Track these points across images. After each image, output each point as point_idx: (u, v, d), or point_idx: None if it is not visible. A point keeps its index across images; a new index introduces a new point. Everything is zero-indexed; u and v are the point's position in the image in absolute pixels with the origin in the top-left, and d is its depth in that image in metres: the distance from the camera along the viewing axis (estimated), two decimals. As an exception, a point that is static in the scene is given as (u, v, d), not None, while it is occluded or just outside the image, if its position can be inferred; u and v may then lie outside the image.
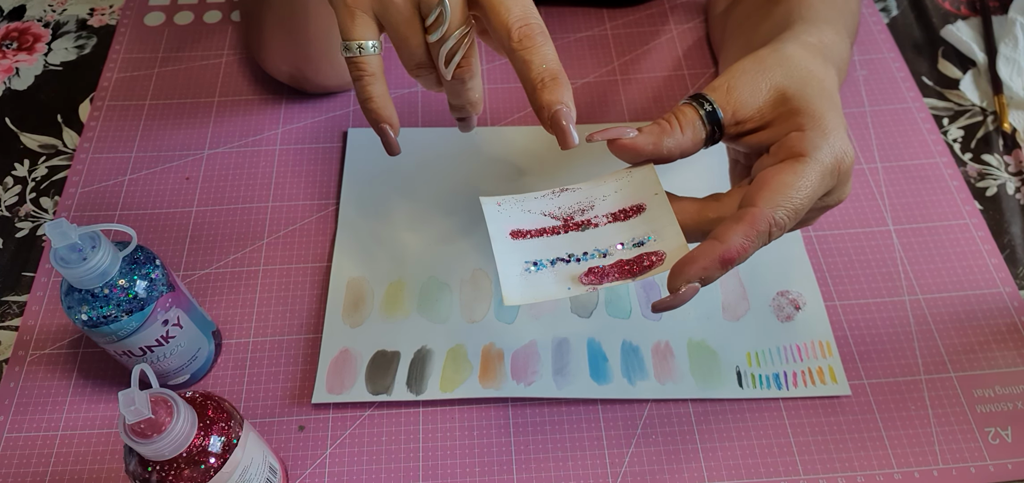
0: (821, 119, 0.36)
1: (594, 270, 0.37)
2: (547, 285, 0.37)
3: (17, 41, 0.67)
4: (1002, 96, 0.62)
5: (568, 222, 0.39)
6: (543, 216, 0.39)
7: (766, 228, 0.34)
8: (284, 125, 0.61)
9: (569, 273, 0.37)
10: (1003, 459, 0.45)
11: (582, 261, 0.37)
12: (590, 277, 0.37)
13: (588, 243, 0.38)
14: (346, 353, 0.48)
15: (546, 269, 0.37)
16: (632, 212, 0.38)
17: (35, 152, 0.60)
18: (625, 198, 0.39)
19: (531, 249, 0.38)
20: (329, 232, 0.55)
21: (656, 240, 0.37)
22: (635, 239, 0.37)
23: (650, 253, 0.37)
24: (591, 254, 0.38)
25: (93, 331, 0.40)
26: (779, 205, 0.34)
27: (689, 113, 0.37)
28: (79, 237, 0.37)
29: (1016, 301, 0.51)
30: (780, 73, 0.37)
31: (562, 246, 0.38)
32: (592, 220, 0.39)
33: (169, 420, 0.33)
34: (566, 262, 0.38)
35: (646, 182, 0.39)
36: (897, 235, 0.54)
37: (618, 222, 0.38)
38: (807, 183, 0.35)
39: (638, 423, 0.46)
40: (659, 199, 0.38)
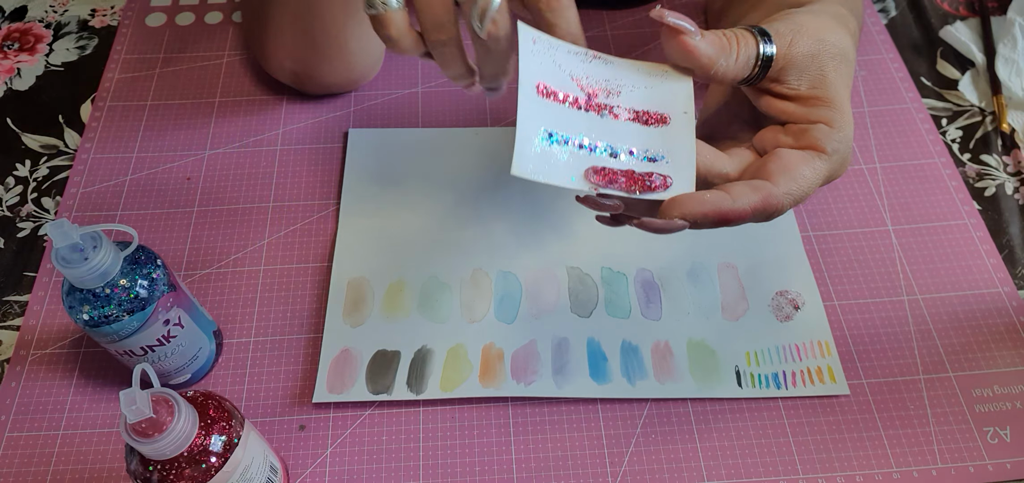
0: (846, 116, 0.36)
1: (604, 171, 0.35)
2: (558, 167, 0.34)
3: (19, 42, 0.68)
4: (1001, 96, 0.62)
5: (591, 97, 0.36)
6: (571, 80, 0.36)
7: (773, 208, 0.35)
8: (285, 125, 0.61)
9: (580, 162, 0.35)
10: (1002, 459, 0.45)
11: (593, 153, 0.35)
12: (598, 177, 0.35)
13: (604, 134, 0.35)
14: (347, 353, 0.49)
15: (559, 146, 0.35)
16: (655, 120, 0.36)
17: (36, 152, 0.60)
18: (653, 100, 0.36)
19: (552, 116, 0.35)
20: (330, 232, 0.55)
21: (669, 162, 0.35)
22: (648, 153, 0.35)
23: (660, 175, 0.35)
24: (603, 149, 0.35)
25: (94, 331, 0.40)
26: (791, 192, 0.35)
27: (750, 45, 0.35)
28: (80, 237, 0.37)
29: (1015, 301, 0.51)
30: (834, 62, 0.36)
31: (580, 126, 0.35)
32: (614, 109, 0.36)
33: (170, 419, 0.34)
34: (579, 148, 0.35)
35: (679, 94, 0.36)
36: (896, 235, 0.54)
37: (638, 123, 0.36)
38: (817, 179, 0.36)
39: (637, 423, 0.47)
40: (686, 119, 0.36)
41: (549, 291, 0.51)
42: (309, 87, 0.60)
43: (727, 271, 0.53)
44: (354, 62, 0.58)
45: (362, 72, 0.60)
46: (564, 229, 0.55)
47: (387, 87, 0.63)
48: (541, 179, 0.34)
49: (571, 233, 0.54)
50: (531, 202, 0.56)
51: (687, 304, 0.51)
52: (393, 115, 0.61)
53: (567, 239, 0.54)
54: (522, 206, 0.56)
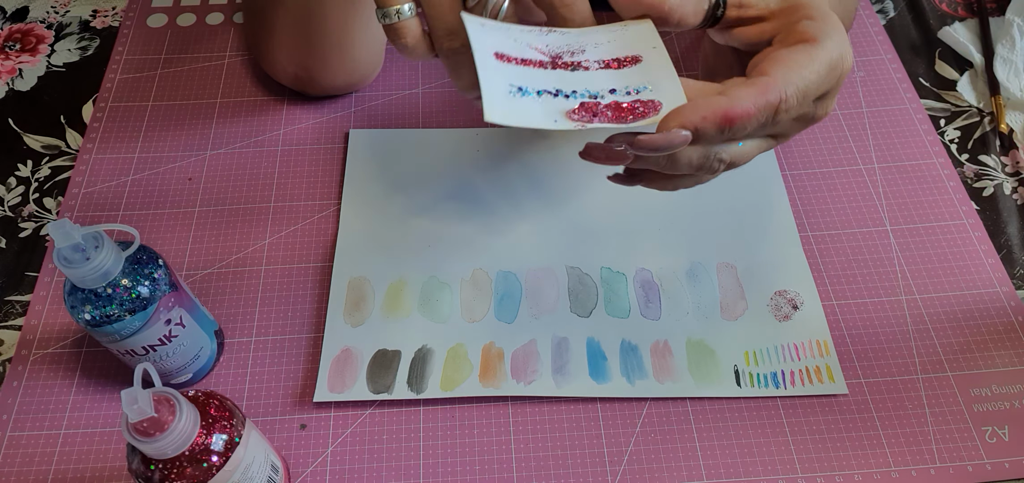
0: (829, 14, 0.35)
1: (586, 106, 0.33)
2: (533, 112, 0.33)
3: (20, 42, 0.68)
4: (999, 97, 0.62)
5: (555, 60, 0.35)
6: (529, 48, 0.35)
7: (776, 101, 0.32)
8: (286, 126, 0.61)
9: (557, 107, 0.34)
10: (1000, 458, 0.45)
11: (572, 98, 0.34)
12: (581, 112, 0.33)
13: (578, 83, 0.34)
14: (347, 352, 0.49)
15: (532, 97, 0.34)
16: (627, 62, 0.35)
17: (38, 153, 0.60)
18: (620, 48, 0.36)
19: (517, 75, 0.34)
20: (330, 232, 0.55)
21: (653, 90, 0.34)
22: (629, 88, 0.34)
23: (646, 101, 0.34)
24: (581, 93, 0.34)
25: (96, 331, 0.40)
26: (791, 81, 0.33)
27: None
28: (82, 237, 0.37)
29: (1013, 301, 0.52)
30: None
31: (550, 81, 0.34)
32: (582, 63, 0.35)
33: (171, 419, 0.34)
34: (554, 96, 0.34)
35: (643, 35, 0.36)
36: (894, 235, 0.55)
37: (610, 70, 0.35)
38: (818, 68, 0.33)
39: (637, 422, 0.47)
40: (657, 52, 0.35)
41: (549, 291, 0.52)
42: (310, 89, 0.60)
43: (726, 271, 0.53)
44: (355, 65, 0.58)
45: (363, 74, 0.60)
46: (564, 229, 0.55)
47: (388, 88, 0.63)
48: (517, 123, 0.33)
49: (571, 233, 0.54)
50: (531, 202, 0.56)
51: (686, 304, 0.51)
52: (394, 115, 0.62)
53: (567, 239, 0.54)
54: (522, 206, 0.56)
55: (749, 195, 0.56)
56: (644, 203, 0.56)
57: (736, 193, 0.56)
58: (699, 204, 0.56)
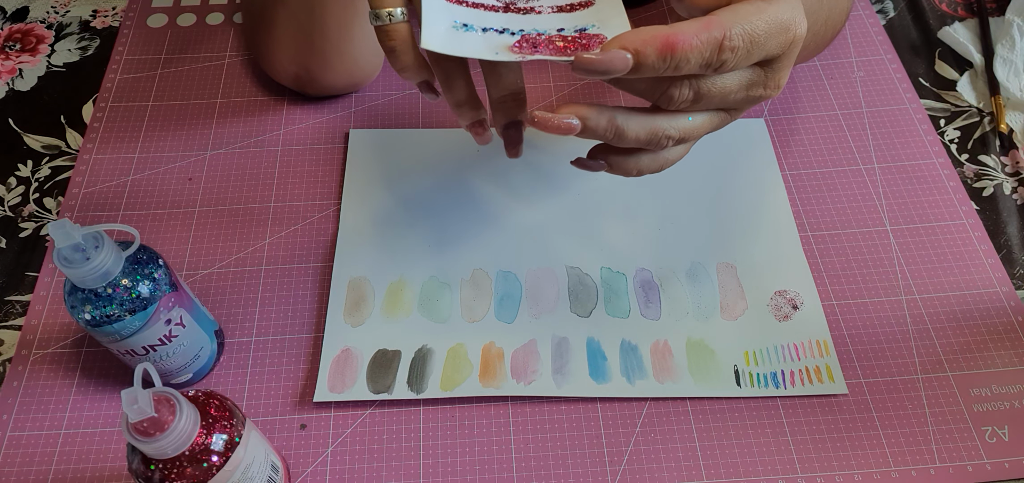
0: None
1: (527, 38, 0.34)
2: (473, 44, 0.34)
3: (20, 42, 0.68)
4: (999, 97, 0.62)
5: (508, 6, 0.36)
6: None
7: (720, 36, 0.31)
8: (286, 126, 0.61)
9: (500, 42, 0.34)
10: (1000, 458, 0.45)
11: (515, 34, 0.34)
12: (521, 45, 0.34)
13: (526, 24, 0.35)
14: (347, 352, 0.49)
15: (476, 33, 0.34)
16: (578, 7, 0.36)
17: (38, 153, 0.60)
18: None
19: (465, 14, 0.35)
20: (331, 232, 0.55)
21: (599, 27, 0.34)
22: (577, 27, 0.35)
23: (591, 35, 0.34)
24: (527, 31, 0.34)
25: (96, 330, 0.40)
26: (736, 22, 0.32)
27: None
28: (82, 237, 0.37)
29: (1013, 301, 0.52)
30: None
31: (498, 21, 0.35)
32: (535, 8, 0.36)
33: (172, 418, 0.34)
34: (499, 33, 0.34)
35: None
36: (894, 235, 0.55)
37: (562, 13, 0.35)
38: (767, 19, 0.32)
39: (637, 422, 0.47)
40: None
41: (549, 291, 0.52)
42: (310, 89, 0.60)
43: (726, 271, 0.53)
44: (355, 65, 0.58)
45: (363, 75, 0.60)
46: (564, 229, 0.55)
47: (388, 88, 0.63)
48: (454, 52, 0.33)
49: (571, 233, 0.55)
50: (531, 202, 0.56)
51: (686, 304, 0.51)
52: (394, 115, 0.62)
53: (567, 239, 0.54)
54: (522, 206, 0.56)
55: (749, 195, 0.56)
56: (644, 203, 0.56)
57: (736, 193, 0.56)
58: (699, 204, 0.56)
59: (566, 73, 0.65)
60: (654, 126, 0.35)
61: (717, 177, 0.57)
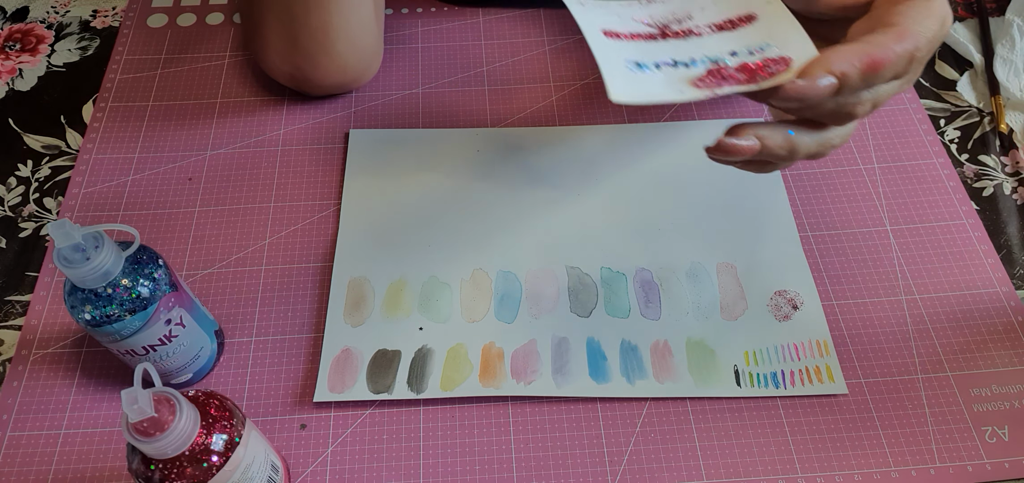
0: None
1: (713, 72, 0.32)
2: (657, 86, 0.32)
3: (20, 42, 0.68)
4: (999, 97, 0.62)
5: (664, 30, 0.34)
6: (634, 22, 0.34)
7: (912, 48, 0.32)
8: (286, 126, 0.61)
9: (680, 76, 0.32)
10: (1000, 458, 0.45)
11: (692, 66, 0.32)
12: (709, 79, 0.32)
13: (694, 50, 0.33)
14: (347, 352, 0.49)
15: (651, 71, 0.32)
16: (741, 22, 0.34)
17: (38, 153, 0.60)
18: (729, 7, 0.34)
19: (631, 50, 0.33)
20: (331, 232, 0.55)
21: (777, 47, 0.32)
22: (751, 47, 0.33)
23: (775, 58, 0.32)
24: (701, 60, 0.32)
25: (96, 331, 0.40)
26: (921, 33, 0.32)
27: None
28: (82, 237, 0.37)
29: (1013, 301, 0.52)
30: None
31: (665, 52, 0.33)
32: (692, 30, 0.34)
33: (172, 418, 0.34)
34: (673, 66, 0.32)
35: None
36: (894, 235, 0.55)
37: (725, 32, 0.33)
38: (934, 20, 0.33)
39: (637, 422, 0.47)
40: (773, 6, 0.33)
41: (549, 291, 0.52)
42: (305, 88, 0.60)
43: (726, 271, 0.53)
44: (344, 63, 0.58)
45: (355, 73, 0.60)
46: (564, 229, 0.55)
47: (388, 88, 0.63)
48: (643, 100, 0.31)
49: (571, 233, 0.55)
50: (531, 202, 0.56)
51: (686, 304, 0.51)
52: (393, 115, 0.62)
53: (567, 239, 0.54)
54: (522, 206, 0.56)
55: (749, 195, 0.56)
56: (645, 204, 0.56)
57: (736, 193, 0.56)
58: (699, 204, 0.56)
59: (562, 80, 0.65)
60: (825, 139, 0.34)
61: (717, 177, 0.57)
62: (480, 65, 0.65)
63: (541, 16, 0.69)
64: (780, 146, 0.33)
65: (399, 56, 0.66)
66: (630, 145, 0.59)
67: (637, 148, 0.59)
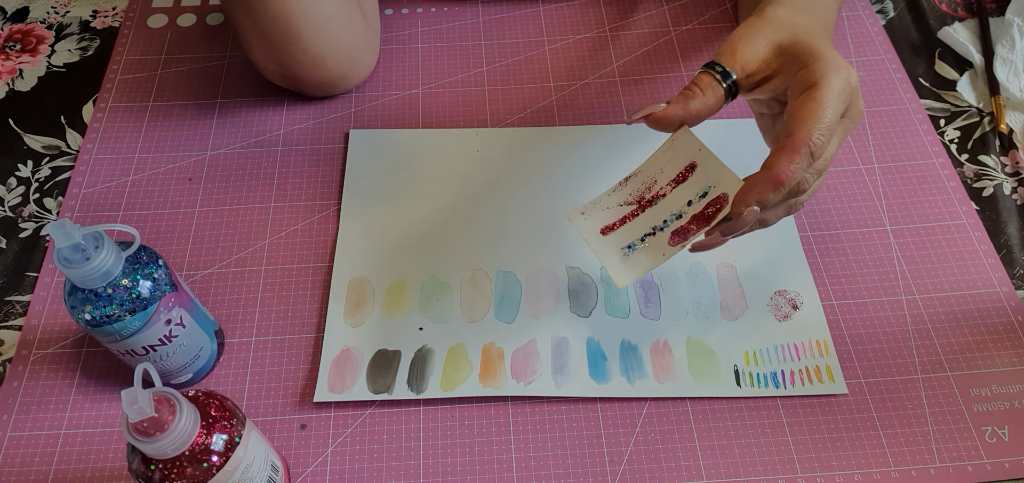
0: (818, 53, 0.41)
1: (678, 231, 0.43)
2: (644, 260, 0.43)
3: (20, 43, 0.68)
4: (999, 97, 0.62)
5: (642, 201, 0.45)
6: (620, 206, 0.46)
7: (806, 150, 0.39)
8: (286, 126, 0.61)
9: (659, 244, 0.44)
10: (1000, 458, 0.45)
11: (665, 228, 0.44)
12: (676, 238, 0.43)
13: (664, 212, 0.44)
14: (347, 352, 0.49)
15: (639, 248, 0.44)
16: (688, 171, 0.44)
17: (38, 153, 0.60)
18: (677, 163, 0.45)
19: (621, 237, 0.45)
20: (331, 232, 0.55)
21: (715, 186, 0.43)
22: (699, 192, 0.43)
23: (715, 199, 0.42)
24: (669, 220, 0.44)
25: (96, 330, 0.40)
26: (811, 129, 0.39)
27: (706, 78, 0.43)
28: (82, 237, 0.37)
29: (1013, 301, 0.52)
30: (771, 29, 0.43)
31: (645, 223, 0.44)
32: (660, 192, 0.45)
33: (172, 418, 0.34)
34: (653, 235, 0.44)
35: (688, 144, 0.44)
36: (894, 235, 0.55)
37: (681, 185, 0.44)
38: (828, 102, 0.40)
39: (637, 422, 0.47)
40: (704, 153, 0.44)
41: (549, 291, 0.52)
42: (299, 87, 0.60)
43: (726, 271, 0.53)
44: (320, 55, 0.57)
45: (340, 68, 0.59)
46: (564, 229, 0.55)
47: (387, 88, 0.63)
48: (642, 274, 0.43)
49: (571, 233, 0.54)
50: (531, 202, 0.56)
51: (686, 304, 0.51)
52: (393, 115, 0.62)
53: (567, 239, 0.54)
54: (522, 206, 0.56)
55: (749, 195, 0.56)
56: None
57: (736, 193, 0.56)
58: (699, 204, 0.56)
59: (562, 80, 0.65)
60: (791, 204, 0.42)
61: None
62: (480, 65, 0.65)
63: (541, 15, 0.69)
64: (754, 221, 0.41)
65: (399, 56, 0.66)
66: (630, 145, 0.59)
67: (637, 148, 0.59)
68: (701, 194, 0.43)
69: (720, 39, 0.67)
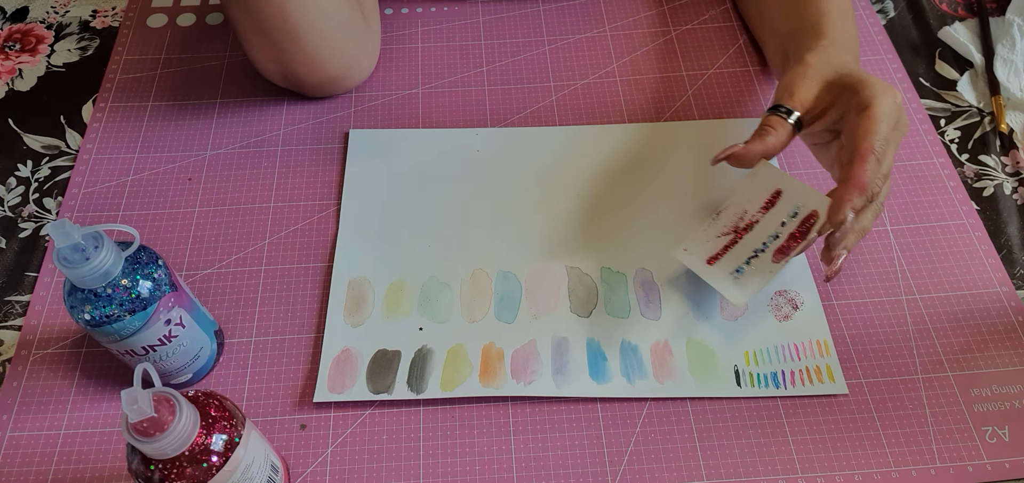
0: (865, 80, 0.47)
1: (780, 249, 0.47)
2: (755, 279, 0.47)
3: (20, 42, 0.68)
4: (999, 97, 0.62)
5: (737, 230, 0.49)
6: (718, 237, 0.49)
7: (873, 157, 0.45)
8: (286, 126, 0.61)
9: (763, 263, 0.47)
10: (1000, 458, 0.45)
11: (766, 249, 0.48)
12: (778, 255, 0.47)
13: (762, 235, 0.48)
14: (347, 352, 0.49)
15: (747, 270, 0.48)
16: (775, 197, 0.49)
17: (38, 153, 0.60)
18: (763, 192, 0.49)
19: (727, 263, 0.48)
20: (330, 232, 0.55)
21: (804, 205, 0.48)
22: (789, 213, 0.48)
23: (807, 216, 0.47)
24: (768, 241, 0.48)
25: (96, 331, 0.40)
26: (873, 139, 0.45)
27: (775, 119, 0.49)
28: (82, 237, 0.37)
29: (1013, 301, 0.52)
30: (816, 73, 0.50)
31: (747, 248, 0.48)
32: (752, 220, 0.49)
33: (171, 419, 0.34)
34: (756, 256, 0.48)
35: (770, 174, 0.49)
36: (894, 235, 0.55)
37: (771, 209, 0.49)
38: (882, 118, 0.45)
39: (637, 422, 0.47)
40: (786, 179, 0.49)
41: (549, 291, 0.52)
42: (299, 87, 0.60)
43: (726, 271, 0.53)
44: (318, 55, 0.56)
45: (339, 68, 0.59)
46: (564, 229, 0.55)
47: (387, 87, 0.63)
48: (757, 291, 0.47)
49: (571, 233, 0.54)
50: (531, 202, 0.56)
51: (686, 304, 0.51)
52: (393, 115, 0.62)
53: (567, 239, 0.54)
54: (522, 206, 0.56)
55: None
56: (645, 204, 0.56)
57: (736, 193, 0.57)
58: (699, 204, 0.56)
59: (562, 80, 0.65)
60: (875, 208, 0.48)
61: (718, 177, 0.57)
62: (480, 65, 0.65)
63: (541, 15, 0.69)
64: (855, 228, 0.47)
65: (399, 56, 0.66)
66: (630, 145, 0.59)
67: (637, 148, 0.59)
68: (792, 214, 0.48)
69: (720, 39, 0.67)
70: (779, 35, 0.59)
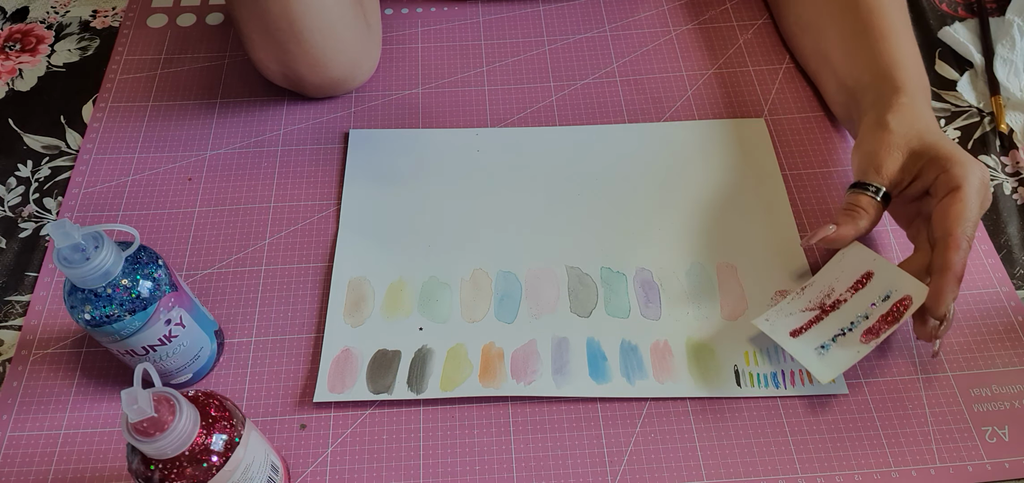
0: (953, 157, 0.46)
1: (868, 330, 0.46)
2: (842, 356, 0.46)
3: (20, 42, 0.68)
4: (999, 97, 0.62)
5: (824, 307, 0.48)
6: (802, 312, 0.48)
7: (966, 244, 0.45)
8: (286, 126, 0.61)
9: (851, 342, 0.46)
10: (1000, 458, 0.45)
11: (854, 328, 0.47)
12: (867, 337, 0.46)
13: (850, 314, 0.47)
14: (347, 352, 0.49)
15: (832, 347, 0.46)
16: (865, 279, 0.48)
17: (38, 153, 0.60)
18: (853, 273, 0.48)
19: (812, 338, 0.47)
20: (330, 232, 0.55)
21: (897, 289, 0.46)
22: (881, 296, 0.47)
23: (900, 300, 0.46)
24: (857, 321, 0.47)
25: (96, 331, 0.40)
26: (966, 226, 0.45)
27: (864, 199, 0.48)
28: (82, 237, 0.37)
29: (1013, 301, 0.52)
30: (899, 140, 0.48)
31: (833, 325, 0.47)
32: (840, 298, 0.48)
33: (171, 419, 0.34)
34: (843, 334, 0.47)
35: (861, 256, 0.49)
36: (895, 235, 0.55)
37: (860, 290, 0.48)
38: (972, 202, 0.45)
39: (637, 422, 0.47)
40: (880, 262, 0.48)
41: (549, 291, 0.52)
42: (300, 88, 0.60)
43: (726, 271, 0.53)
44: (322, 56, 0.56)
45: (341, 70, 0.58)
46: (564, 229, 0.55)
47: (388, 87, 0.63)
48: (842, 370, 0.46)
49: (571, 233, 0.55)
50: (531, 202, 0.56)
51: (686, 303, 0.51)
52: (393, 115, 0.62)
53: (567, 239, 0.54)
54: (522, 206, 0.56)
55: (749, 195, 0.56)
56: (645, 204, 0.56)
57: (736, 193, 0.56)
58: (699, 204, 0.56)
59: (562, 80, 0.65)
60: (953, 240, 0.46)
61: (718, 177, 0.57)
62: (480, 65, 0.65)
63: (541, 15, 0.69)
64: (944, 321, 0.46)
65: (399, 56, 0.66)
66: (630, 145, 0.59)
67: (637, 148, 0.59)
68: (883, 297, 0.47)
69: (720, 39, 0.67)
70: (842, 78, 0.57)
